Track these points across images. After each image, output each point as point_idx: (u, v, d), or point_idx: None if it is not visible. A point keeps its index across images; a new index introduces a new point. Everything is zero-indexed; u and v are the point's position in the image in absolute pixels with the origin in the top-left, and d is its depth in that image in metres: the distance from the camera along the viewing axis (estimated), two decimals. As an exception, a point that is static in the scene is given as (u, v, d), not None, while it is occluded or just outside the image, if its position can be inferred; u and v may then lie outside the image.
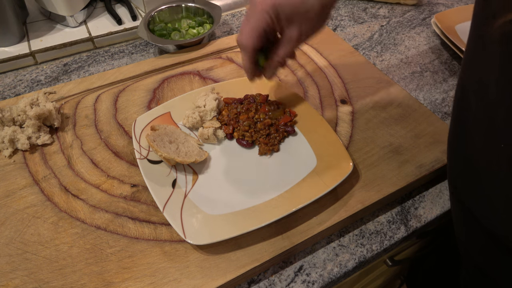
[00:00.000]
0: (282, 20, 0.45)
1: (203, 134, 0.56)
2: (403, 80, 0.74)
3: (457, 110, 0.43)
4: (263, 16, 0.44)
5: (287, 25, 0.46)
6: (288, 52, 0.49)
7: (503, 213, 0.37)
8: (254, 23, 0.45)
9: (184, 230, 0.45)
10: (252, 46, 0.47)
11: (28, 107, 0.58)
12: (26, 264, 0.44)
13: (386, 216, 0.54)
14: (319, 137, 0.56)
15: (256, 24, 0.45)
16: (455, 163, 0.45)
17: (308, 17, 0.45)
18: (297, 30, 0.46)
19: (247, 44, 0.47)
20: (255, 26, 0.45)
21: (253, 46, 0.47)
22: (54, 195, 0.51)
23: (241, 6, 0.94)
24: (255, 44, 0.47)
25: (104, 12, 0.85)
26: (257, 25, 0.45)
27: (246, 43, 0.47)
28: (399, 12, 0.94)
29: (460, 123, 0.42)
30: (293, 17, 0.45)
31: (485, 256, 0.43)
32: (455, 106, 0.43)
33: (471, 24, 0.38)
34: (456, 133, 0.43)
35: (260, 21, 0.45)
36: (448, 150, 0.46)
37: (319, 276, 0.48)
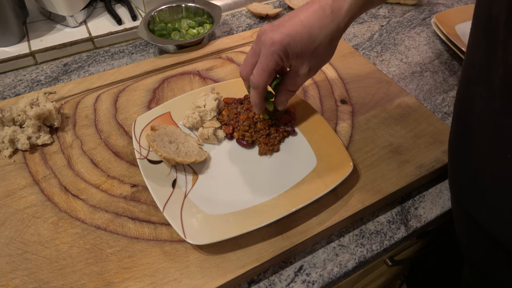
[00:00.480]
0: (292, 58, 0.46)
1: (203, 134, 0.56)
2: (403, 80, 0.74)
3: (459, 113, 0.42)
4: (273, 57, 0.45)
5: (296, 62, 0.47)
6: (298, 86, 0.51)
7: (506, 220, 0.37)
8: (264, 64, 0.46)
9: (184, 230, 0.45)
10: (264, 85, 0.48)
11: (28, 107, 0.58)
12: (26, 264, 0.44)
13: (386, 216, 0.54)
14: (319, 137, 0.56)
15: (267, 65, 0.46)
16: (456, 167, 0.44)
17: (317, 53, 0.46)
18: (307, 66, 0.47)
19: (259, 83, 0.48)
20: (266, 67, 0.46)
21: (265, 85, 0.48)
22: (54, 195, 0.51)
23: (241, 6, 0.94)
24: (266, 83, 0.48)
25: (104, 12, 0.85)
26: (268, 66, 0.46)
27: (257, 82, 0.48)
28: (399, 12, 0.94)
29: (463, 126, 0.41)
30: (302, 54, 0.46)
31: (486, 258, 0.43)
32: (458, 109, 0.42)
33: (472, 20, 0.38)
34: (458, 136, 0.43)
35: (271, 62, 0.46)
36: (450, 153, 0.46)
37: (319, 276, 0.48)
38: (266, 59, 0.46)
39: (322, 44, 0.45)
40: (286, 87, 0.51)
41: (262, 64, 0.46)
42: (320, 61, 0.48)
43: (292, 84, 0.50)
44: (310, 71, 0.48)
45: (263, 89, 0.49)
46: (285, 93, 0.52)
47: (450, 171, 0.46)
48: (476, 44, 0.37)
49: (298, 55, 0.46)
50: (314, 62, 0.47)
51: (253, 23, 0.89)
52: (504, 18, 0.31)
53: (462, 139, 0.42)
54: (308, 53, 0.46)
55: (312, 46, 0.45)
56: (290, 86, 0.51)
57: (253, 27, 0.87)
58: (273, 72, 0.47)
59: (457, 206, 0.47)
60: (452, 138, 0.45)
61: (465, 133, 0.41)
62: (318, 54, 0.47)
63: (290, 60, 0.47)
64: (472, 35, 0.38)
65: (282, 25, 0.45)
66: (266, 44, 0.45)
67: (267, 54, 0.45)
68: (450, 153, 0.46)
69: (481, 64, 0.36)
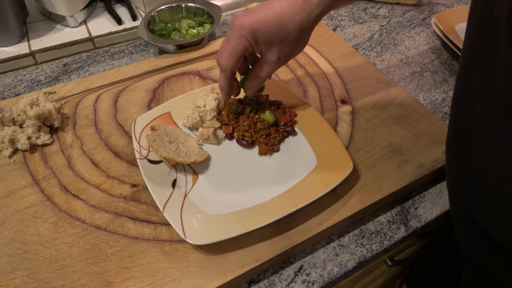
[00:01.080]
0: (261, 44, 0.47)
1: (203, 134, 0.56)
2: (403, 80, 0.74)
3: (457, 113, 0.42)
4: (241, 41, 0.46)
5: (265, 49, 0.47)
6: (267, 73, 0.50)
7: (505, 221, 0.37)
8: (233, 47, 0.47)
9: (184, 230, 0.45)
10: (231, 68, 0.49)
11: (28, 107, 0.58)
12: (26, 264, 0.44)
13: (386, 216, 0.54)
14: (319, 137, 0.56)
15: (234, 48, 0.47)
16: (454, 167, 0.44)
17: (286, 41, 0.47)
18: (275, 54, 0.48)
19: (226, 66, 0.48)
20: (234, 50, 0.47)
21: (232, 68, 0.49)
22: (54, 195, 0.51)
23: (241, 6, 0.94)
24: (234, 67, 0.49)
25: (104, 12, 0.85)
26: (235, 49, 0.47)
27: (225, 65, 0.48)
28: (399, 12, 0.94)
29: (461, 127, 0.41)
30: (271, 41, 0.46)
31: (486, 259, 0.43)
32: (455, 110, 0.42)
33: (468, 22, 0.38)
34: (456, 137, 0.43)
35: (239, 45, 0.46)
36: (447, 153, 0.46)
37: (319, 276, 0.48)
38: (235, 42, 0.46)
39: (292, 32, 0.46)
40: (255, 73, 0.51)
41: (230, 47, 0.47)
42: (289, 50, 0.48)
43: (260, 70, 0.50)
44: (279, 59, 0.48)
45: (230, 73, 0.50)
46: (254, 79, 0.52)
47: (448, 172, 0.46)
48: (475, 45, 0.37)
49: (267, 41, 0.46)
50: (284, 51, 0.48)
51: (253, 23, 0.88)
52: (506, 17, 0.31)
53: (461, 140, 0.41)
54: (277, 41, 0.46)
55: (281, 34, 0.45)
56: (259, 72, 0.50)
57: (253, 27, 0.87)
58: (241, 56, 0.47)
59: (455, 207, 0.47)
60: (450, 138, 0.45)
61: (463, 134, 0.41)
62: (288, 42, 0.47)
63: (260, 46, 0.47)
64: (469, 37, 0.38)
65: (254, 11, 0.46)
66: (235, 28, 0.46)
67: (236, 37, 0.46)
68: (448, 154, 0.46)
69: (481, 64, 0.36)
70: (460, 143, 0.42)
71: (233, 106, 0.59)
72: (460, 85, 0.40)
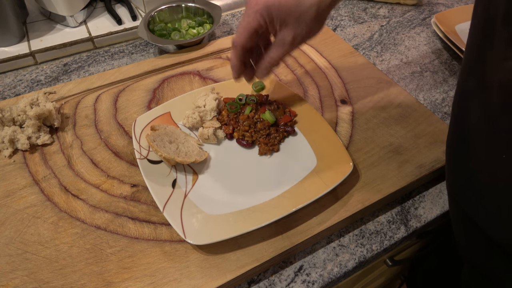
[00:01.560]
0: (275, 22, 0.45)
1: (203, 134, 0.56)
2: (403, 80, 0.74)
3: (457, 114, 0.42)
4: (256, 17, 0.45)
5: (280, 28, 0.46)
6: (281, 54, 0.48)
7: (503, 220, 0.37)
8: (246, 23, 0.45)
9: (184, 230, 0.45)
10: (242, 44, 0.47)
11: (28, 107, 0.58)
12: (26, 264, 0.44)
13: (386, 216, 0.54)
14: (319, 137, 0.56)
15: (247, 24, 0.45)
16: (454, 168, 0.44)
17: (302, 20, 0.45)
18: (291, 33, 0.46)
19: (237, 42, 0.47)
20: (247, 26, 0.45)
21: (243, 44, 0.47)
22: (54, 195, 0.51)
23: (241, 6, 0.94)
24: (245, 43, 0.47)
25: (104, 12, 0.85)
26: (248, 25, 0.45)
27: (236, 41, 0.47)
28: (399, 12, 0.94)
29: (460, 127, 0.42)
30: (286, 19, 0.45)
31: (485, 259, 0.43)
32: (455, 110, 0.42)
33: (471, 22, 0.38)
34: (455, 137, 0.43)
35: (252, 21, 0.45)
36: (447, 153, 0.46)
37: (319, 276, 0.48)
38: (249, 18, 0.45)
39: (308, 11, 0.44)
40: (269, 54, 0.49)
41: (243, 23, 0.46)
42: (305, 30, 0.46)
43: (275, 51, 0.48)
44: (294, 40, 0.46)
45: (241, 49, 0.48)
46: (267, 61, 0.49)
47: (447, 172, 0.46)
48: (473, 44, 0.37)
49: (282, 19, 0.44)
50: (300, 30, 0.46)
51: (253, 23, 0.88)
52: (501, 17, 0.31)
53: (459, 140, 0.42)
54: (292, 19, 0.44)
55: (297, 12, 0.44)
56: (273, 53, 0.48)
57: (253, 27, 0.87)
58: (253, 32, 0.46)
59: (454, 207, 0.47)
60: (450, 139, 0.45)
61: (462, 134, 0.41)
62: (304, 21, 0.45)
63: (275, 24, 0.45)
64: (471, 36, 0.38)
65: None
66: (251, 4, 0.45)
67: (250, 13, 0.45)
68: (448, 154, 0.46)
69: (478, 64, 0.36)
70: (459, 143, 0.42)
71: (233, 106, 0.59)
72: (460, 85, 0.40)
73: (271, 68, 0.51)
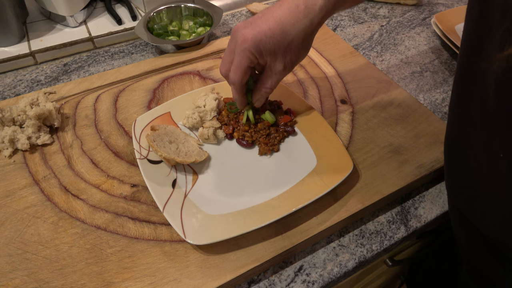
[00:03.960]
0: (265, 55, 0.46)
1: (203, 134, 0.56)
2: (403, 80, 0.74)
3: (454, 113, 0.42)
4: (245, 55, 0.46)
5: (271, 59, 0.47)
6: (274, 83, 0.50)
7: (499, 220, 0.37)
8: (238, 61, 0.47)
9: (184, 230, 0.45)
10: (240, 82, 0.49)
11: (28, 107, 0.58)
12: (26, 264, 0.44)
13: (386, 216, 0.54)
14: (319, 137, 0.56)
15: (240, 62, 0.47)
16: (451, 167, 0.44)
17: (290, 49, 0.46)
18: (281, 63, 0.47)
19: (235, 81, 0.49)
20: (240, 64, 0.47)
21: (241, 82, 0.49)
22: (54, 195, 0.51)
23: (241, 6, 0.94)
24: (242, 80, 0.49)
25: (104, 12, 0.85)
26: (241, 63, 0.47)
27: (233, 79, 0.49)
28: (399, 12, 0.94)
29: (457, 126, 0.42)
30: (275, 51, 0.46)
31: (483, 260, 0.43)
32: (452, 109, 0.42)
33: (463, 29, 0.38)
34: (453, 137, 0.43)
35: (244, 59, 0.46)
36: (445, 154, 0.46)
37: (319, 276, 0.48)
38: (239, 57, 0.46)
39: (295, 40, 0.45)
40: (263, 85, 0.51)
41: (236, 62, 0.47)
42: (295, 57, 0.48)
43: (268, 81, 0.50)
44: (285, 68, 0.48)
45: (240, 85, 0.50)
46: (262, 91, 0.51)
47: (445, 172, 0.46)
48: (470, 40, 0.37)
49: (271, 51, 0.46)
50: (289, 59, 0.47)
51: (253, 23, 0.88)
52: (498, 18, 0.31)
53: (457, 139, 0.42)
54: (281, 50, 0.46)
55: (285, 42, 0.45)
56: (267, 83, 0.50)
57: (253, 27, 0.87)
58: (247, 69, 0.47)
59: (453, 207, 0.47)
60: (447, 138, 0.45)
61: (459, 133, 0.41)
62: (292, 50, 0.46)
63: (264, 57, 0.46)
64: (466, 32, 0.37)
65: (254, 22, 0.45)
66: (238, 42, 0.46)
67: (240, 51, 0.46)
68: (446, 153, 0.46)
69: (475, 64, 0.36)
70: (456, 142, 0.42)
71: (233, 106, 0.59)
72: (457, 84, 0.40)
73: (265, 97, 0.53)
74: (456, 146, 0.42)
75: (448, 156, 0.45)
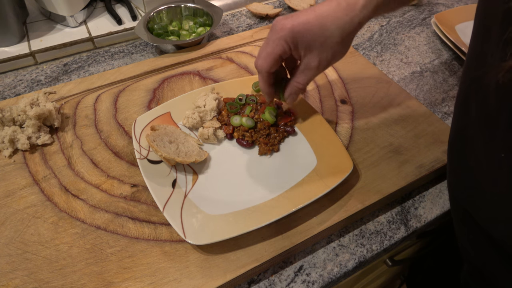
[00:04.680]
0: (300, 48, 0.45)
1: (203, 134, 0.56)
2: (403, 80, 0.74)
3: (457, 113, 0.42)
4: (280, 43, 0.45)
5: (305, 53, 0.46)
6: (307, 80, 0.49)
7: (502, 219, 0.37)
8: (270, 48, 0.46)
9: (184, 230, 0.45)
10: (267, 69, 0.47)
11: (28, 107, 0.58)
12: (26, 264, 0.44)
13: (386, 216, 0.54)
14: (319, 137, 0.56)
15: (272, 49, 0.46)
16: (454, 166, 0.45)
17: (327, 45, 0.45)
18: (316, 59, 0.46)
19: (262, 67, 0.47)
20: (271, 51, 0.46)
21: (268, 69, 0.47)
22: (54, 195, 0.51)
23: (241, 6, 0.94)
24: (270, 68, 0.47)
25: (104, 12, 0.85)
26: (273, 50, 0.46)
27: (260, 66, 0.47)
28: (399, 12, 0.94)
29: (460, 126, 0.42)
30: (311, 45, 0.45)
31: (485, 259, 0.43)
32: (456, 111, 0.43)
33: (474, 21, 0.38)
34: (456, 135, 0.43)
35: (277, 47, 0.45)
36: (448, 152, 0.46)
37: (319, 276, 0.48)
38: (273, 43, 0.45)
39: (333, 36, 0.44)
40: (295, 79, 0.50)
41: (268, 48, 0.46)
42: (331, 55, 0.46)
43: (300, 76, 0.49)
44: (319, 65, 0.47)
45: (267, 74, 0.48)
46: (294, 85, 0.50)
47: (448, 171, 0.47)
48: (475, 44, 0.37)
49: (307, 44, 0.45)
50: (325, 55, 0.46)
51: (253, 23, 0.88)
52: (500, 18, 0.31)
53: (460, 139, 0.42)
54: (318, 44, 0.45)
55: (322, 37, 0.44)
56: (299, 78, 0.49)
57: (253, 27, 0.87)
58: (278, 58, 0.46)
59: (455, 206, 0.47)
60: (451, 137, 0.45)
61: (462, 133, 0.41)
62: (329, 46, 0.45)
63: (299, 50, 0.46)
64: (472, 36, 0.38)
65: (295, 15, 0.45)
66: (276, 30, 0.45)
67: (275, 38, 0.45)
68: (449, 152, 0.46)
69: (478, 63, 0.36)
70: (459, 142, 0.42)
71: (233, 106, 0.59)
72: (461, 84, 0.41)
73: (298, 94, 0.51)
74: (457, 145, 0.43)
75: (451, 155, 0.45)
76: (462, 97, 0.40)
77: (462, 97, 0.40)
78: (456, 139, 0.43)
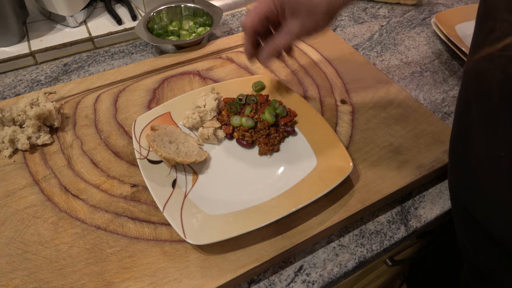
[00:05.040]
0: (287, 11, 0.46)
1: (203, 134, 0.56)
2: (403, 80, 0.74)
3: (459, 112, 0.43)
4: (268, 4, 0.47)
5: (290, 17, 0.47)
6: (285, 43, 0.50)
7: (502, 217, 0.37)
8: (258, 7, 0.47)
9: (184, 230, 0.45)
10: (251, 27, 0.49)
11: (28, 107, 0.58)
12: (26, 264, 0.44)
13: (386, 216, 0.54)
14: (319, 137, 0.56)
15: (260, 9, 0.47)
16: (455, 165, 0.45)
17: (313, 13, 0.46)
18: (299, 24, 0.47)
19: (247, 24, 0.49)
20: (258, 10, 0.47)
21: (252, 27, 0.49)
22: (54, 195, 0.51)
23: (241, 6, 0.94)
24: (255, 26, 0.49)
25: (104, 12, 0.85)
26: (260, 9, 0.47)
27: (246, 23, 0.49)
28: (399, 12, 0.94)
29: (461, 125, 0.42)
30: (298, 10, 0.46)
31: (485, 258, 0.43)
32: (457, 110, 0.43)
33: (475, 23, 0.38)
34: (457, 135, 0.43)
35: (265, 6, 0.47)
36: (450, 151, 0.46)
37: (319, 276, 0.48)
38: (261, 4, 0.47)
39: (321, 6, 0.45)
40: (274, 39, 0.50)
41: (255, 7, 0.48)
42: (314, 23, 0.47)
43: (280, 38, 0.49)
44: (300, 31, 0.48)
45: (252, 32, 0.50)
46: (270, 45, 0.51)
47: (449, 170, 0.47)
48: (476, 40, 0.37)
49: (293, 9, 0.46)
50: (308, 23, 0.47)
51: (253, 23, 0.88)
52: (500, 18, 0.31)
53: (461, 138, 0.42)
54: (303, 11, 0.46)
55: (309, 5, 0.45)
56: (277, 39, 0.50)
57: (253, 27, 0.87)
58: (263, 17, 0.48)
59: (455, 205, 0.47)
60: (452, 136, 0.45)
61: (463, 132, 0.41)
62: (314, 15, 0.46)
63: (286, 14, 0.47)
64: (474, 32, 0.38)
65: None
66: None
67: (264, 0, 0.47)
68: (450, 151, 0.46)
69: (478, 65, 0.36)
70: (460, 140, 0.42)
71: (233, 106, 0.59)
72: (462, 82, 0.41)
73: (272, 55, 0.52)
74: (458, 144, 0.43)
75: (452, 154, 0.45)
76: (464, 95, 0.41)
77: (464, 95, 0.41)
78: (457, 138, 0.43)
